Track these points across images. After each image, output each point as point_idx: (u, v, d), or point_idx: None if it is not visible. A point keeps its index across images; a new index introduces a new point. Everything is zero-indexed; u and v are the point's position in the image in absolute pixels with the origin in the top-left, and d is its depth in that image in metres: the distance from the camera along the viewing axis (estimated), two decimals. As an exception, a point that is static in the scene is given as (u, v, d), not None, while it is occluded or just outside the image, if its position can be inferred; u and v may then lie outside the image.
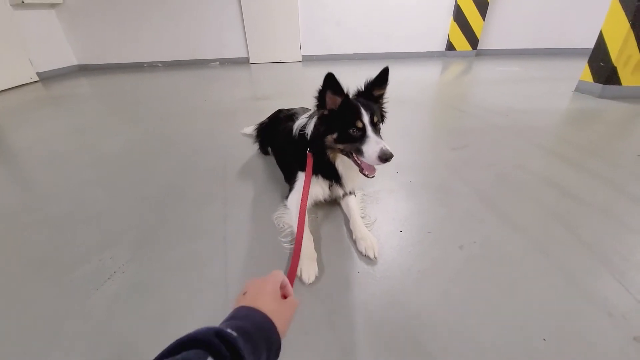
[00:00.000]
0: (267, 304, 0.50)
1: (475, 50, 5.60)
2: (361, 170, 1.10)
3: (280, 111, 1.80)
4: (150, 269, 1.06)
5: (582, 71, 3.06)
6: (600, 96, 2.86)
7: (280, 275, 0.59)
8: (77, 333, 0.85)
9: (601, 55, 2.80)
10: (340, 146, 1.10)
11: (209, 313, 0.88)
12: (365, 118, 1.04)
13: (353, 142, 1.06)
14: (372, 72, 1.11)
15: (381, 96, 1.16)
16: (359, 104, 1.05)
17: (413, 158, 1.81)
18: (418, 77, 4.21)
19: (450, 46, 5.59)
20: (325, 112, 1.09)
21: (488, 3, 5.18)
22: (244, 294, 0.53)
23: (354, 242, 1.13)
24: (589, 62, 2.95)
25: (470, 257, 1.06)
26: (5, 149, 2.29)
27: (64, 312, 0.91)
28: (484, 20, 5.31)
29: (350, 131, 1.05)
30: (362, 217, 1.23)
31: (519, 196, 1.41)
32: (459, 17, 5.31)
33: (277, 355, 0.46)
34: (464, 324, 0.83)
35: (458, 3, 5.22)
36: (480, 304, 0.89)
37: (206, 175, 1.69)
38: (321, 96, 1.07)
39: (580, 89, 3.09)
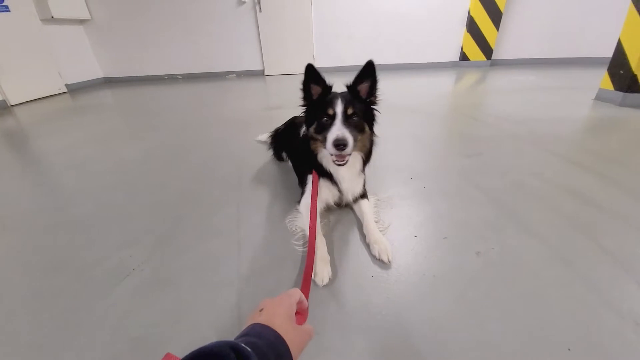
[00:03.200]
0: (282, 325, 0.49)
1: (489, 60, 5.57)
2: (334, 160, 1.09)
3: (295, 117, 1.83)
4: (167, 267, 1.08)
5: (601, 79, 2.99)
6: (621, 104, 2.78)
7: (297, 294, 0.59)
8: (97, 326, 0.87)
9: (620, 64, 2.74)
10: (319, 137, 1.10)
11: (223, 311, 0.89)
12: (339, 107, 1.02)
13: (324, 130, 1.05)
14: (384, 83, 1.12)
15: (372, 95, 1.12)
16: (338, 95, 1.05)
17: (427, 165, 1.80)
18: (431, 87, 4.22)
19: (463, 56, 5.59)
20: (306, 104, 1.13)
21: (502, 13, 5.18)
22: (260, 310, 0.53)
23: (368, 245, 1.13)
24: (608, 70, 2.89)
25: (488, 264, 1.04)
26: (34, 154, 2.42)
27: (86, 306, 0.94)
28: (497, 30, 5.30)
29: (324, 120, 1.05)
30: (376, 222, 1.23)
31: (538, 204, 1.37)
32: (472, 27, 5.33)
33: None
34: (483, 331, 0.81)
35: (471, 14, 5.25)
36: (500, 312, 0.86)
37: (221, 180, 1.73)
38: (305, 88, 1.10)
39: (600, 97, 3.01)
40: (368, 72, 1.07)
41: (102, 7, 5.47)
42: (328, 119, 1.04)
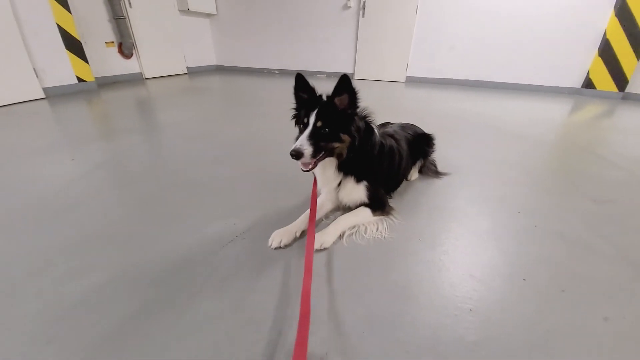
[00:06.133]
0: None
1: (621, 93, 4.65)
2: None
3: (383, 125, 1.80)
4: (264, 244, 1.16)
5: None
6: None
7: None
8: (206, 281, 0.99)
9: None
10: None
11: (316, 296, 0.92)
12: (312, 119, 1.07)
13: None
14: (482, 102, 1.02)
15: (353, 107, 1.12)
16: (317, 107, 1.08)
17: (538, 201, 1.57)
18: (542, 113, 3.70)
19: (588, 84, 4.78)
20: (297, 109, 1.21)
21: (650, 39, 4.27)
22: None
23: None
24: None
25: (619, 335, 0.85)
26: (158, 122, 2.89)
27: (196, 261, 1.07)
28: (638, 59, 4.39)
29: (301, 126, 1.12)
30: (353, 228, 1.22)
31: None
32: (606, 51, 4.51)
33: None
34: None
35: (607, 37, 4.45)
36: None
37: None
38: (296, 95, 1.19)
39: None
40: (344, 86, 1.08)
41: (226, 5, 6.27)
42: (304, 126, 1.11)
